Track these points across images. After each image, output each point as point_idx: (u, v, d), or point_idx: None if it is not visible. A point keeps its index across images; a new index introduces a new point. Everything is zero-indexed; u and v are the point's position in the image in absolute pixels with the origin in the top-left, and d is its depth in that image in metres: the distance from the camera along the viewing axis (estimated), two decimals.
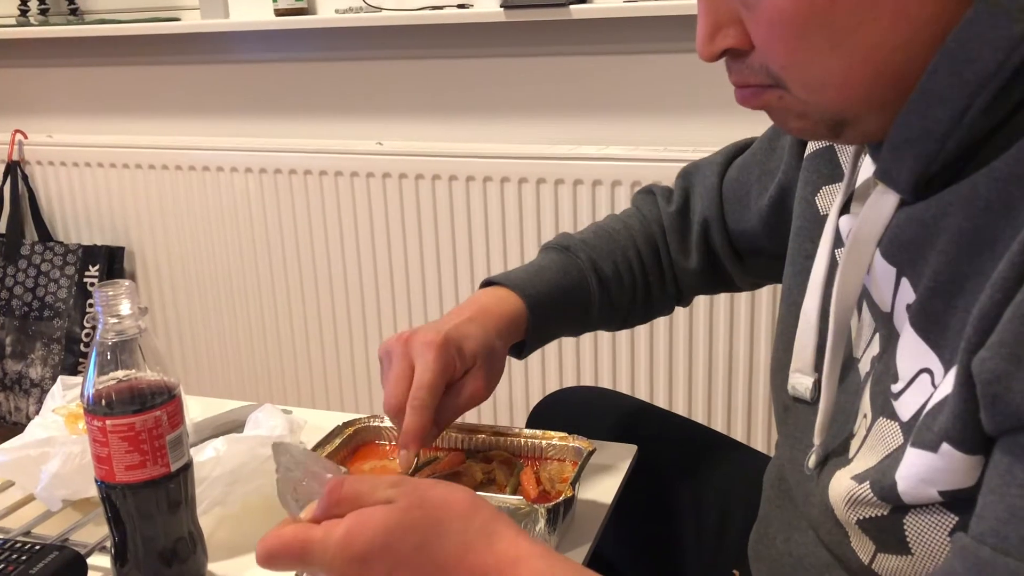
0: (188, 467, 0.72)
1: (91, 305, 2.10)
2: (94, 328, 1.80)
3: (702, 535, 0.93)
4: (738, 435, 1.74)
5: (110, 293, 0.67)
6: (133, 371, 0.68)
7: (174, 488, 0.70)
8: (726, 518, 0.91)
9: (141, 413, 0.67)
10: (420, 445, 0.75)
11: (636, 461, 0.90)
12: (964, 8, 0.48)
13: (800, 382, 0.69)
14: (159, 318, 2.19)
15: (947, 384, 0.50)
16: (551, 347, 1.82)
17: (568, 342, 1.80)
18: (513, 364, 1.86)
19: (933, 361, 0.52)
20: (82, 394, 0.68)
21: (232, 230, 2.05)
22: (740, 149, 0.91)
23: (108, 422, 0.67)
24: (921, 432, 0.52)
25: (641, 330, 1.74)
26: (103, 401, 0.67)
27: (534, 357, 1.84)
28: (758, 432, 1.74)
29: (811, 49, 0.51)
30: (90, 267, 2.14)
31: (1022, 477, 0.44)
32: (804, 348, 0.68)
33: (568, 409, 1.05)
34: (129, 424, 0.67)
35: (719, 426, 1.74)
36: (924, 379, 0.53)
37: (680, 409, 1.76)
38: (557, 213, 1.75)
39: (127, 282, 0.68)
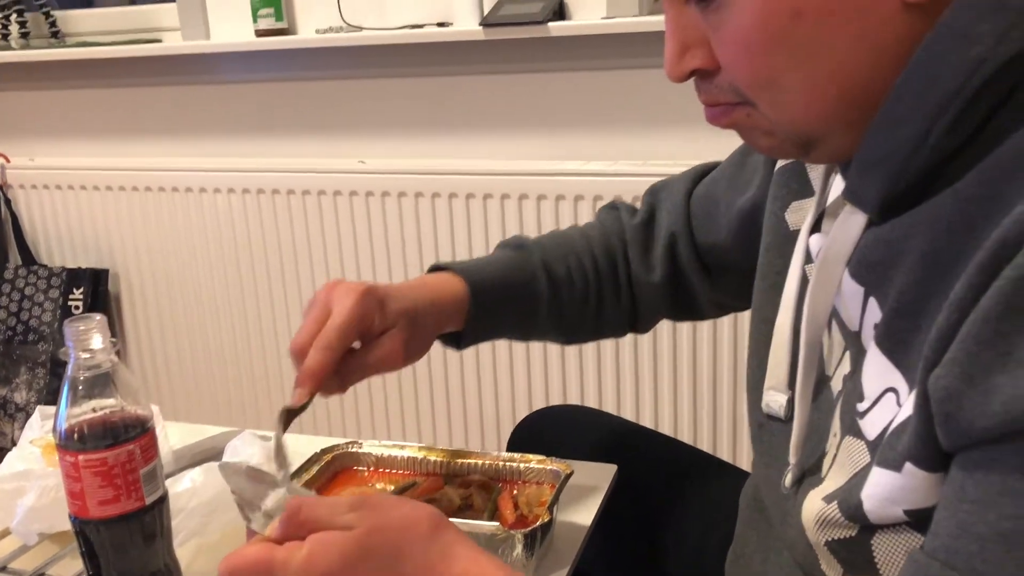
0: (163, 499, 0.71)
1: None
2: None
3: (683, 554, 0.93)
4: (723, 453, 1.74)
5: (81, 327, 0.67)
6: (106, 404, 0.68)
7: (149, 521, 0.70)
8: (707, 537, 0.91)
9: (114, 447, 0.67)
10: (315, 386, 0.71)
11: (617, 480, 0.90)
12: (926, 30, 0.49)
13: (774, 399, 0.69)
14: (144, 340, 2.18)
15: (911, 403, 0.50)
16: (532, 365, 1.82)
17: (550, 360, 1.80)
18: (496, 383, 1.86)
19: (898, 380, 0.53)
20: (54, 429, 0.68)
21: (216, 250, 2.05)
22: (708, 168, 0.91)
23: (81, 457, 0.66)
24: (885, 451, 0.52)
25: (625, 347, 1.74)
26: (75, 436, 0.67)
27: (516, 375, 1.84)
28: (743, 450, 1.74)
29: (775, 68, 0.52)
30: (74, 290, 2.14)
31: (973, 494, 0.45)
32: (778, 365, 0.69)
33: (549, 429, 1.05)
34: (102, 459, 0.67)
35: (705, 444, 1.74)
36: (889, 398, 0.54)
37: (665, 426, 1.76)
38: (540, 228, 1.75)
39: (98, 316, 0.68)
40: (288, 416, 0.71)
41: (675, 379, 1.74)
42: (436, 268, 0.86)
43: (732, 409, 1.72)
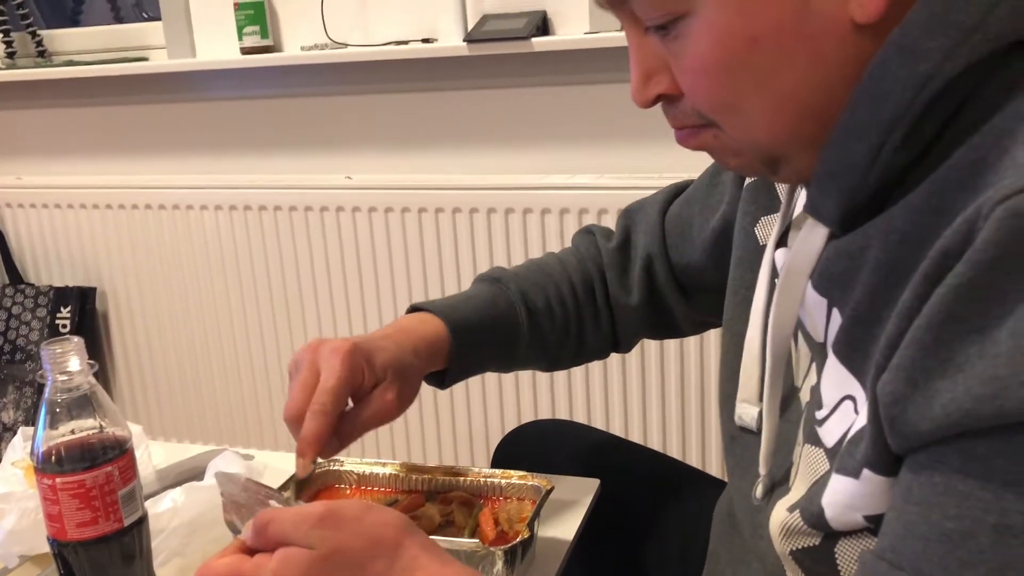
0: (143, 520, 0.71)
1: None
2: None
3: (666, 566, 0.93)
4: (712, 466, 1.74)
5: (58, 350, 0.67)
6: (84, 426, 0.68)
7: (128, 542, 0.70)
8: (689, 548, 0.91)
9: (92, 470, 0.67)
10: (317, 452, 0.72)
11: (601, 494, 0.90)
12: (877, 48, 0.50)
13: (746, 412, 0.70)
14: (132, 358, 2.18)
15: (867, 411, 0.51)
16: (514, 380, 1.82)
17: (535, 376, 1.80)
18: (485, 398, 1.86)
19: (856, 388, 0.54)
20: (32, 452, 0.68)
21: (203, 267, 2.05)
22: (681, 188, 0.92)
23: (58, 480, 0.66)
24: (844, 459, 0.53)
25: (612, 362, 1.74)
26: (53, 458, 0.67)
27: (498, 391, 1.84)
28: (713, 461, 1.74)
29: (735, 93, 0.53)
30: (62, 308, 2.13)
31: (918, 495, 0.46)
32: (749, 378, 0.69)
33: (533, 444, 1.05)
34: (79, 481, 0.67)
35: (693, 457, 1.75)
36: (847, 406, 0.55)
37: (653, 440, 1.76)
38: (526, 243, 1.76)
39: (75, 338, 0.68)
40: (299, 487, 0.73)
41: (663, 391, 1.74)
42: (414, 309, 0.87)
43: (700, 420, 1.73)
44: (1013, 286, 0.42)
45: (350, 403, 0.77)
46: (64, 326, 2.12)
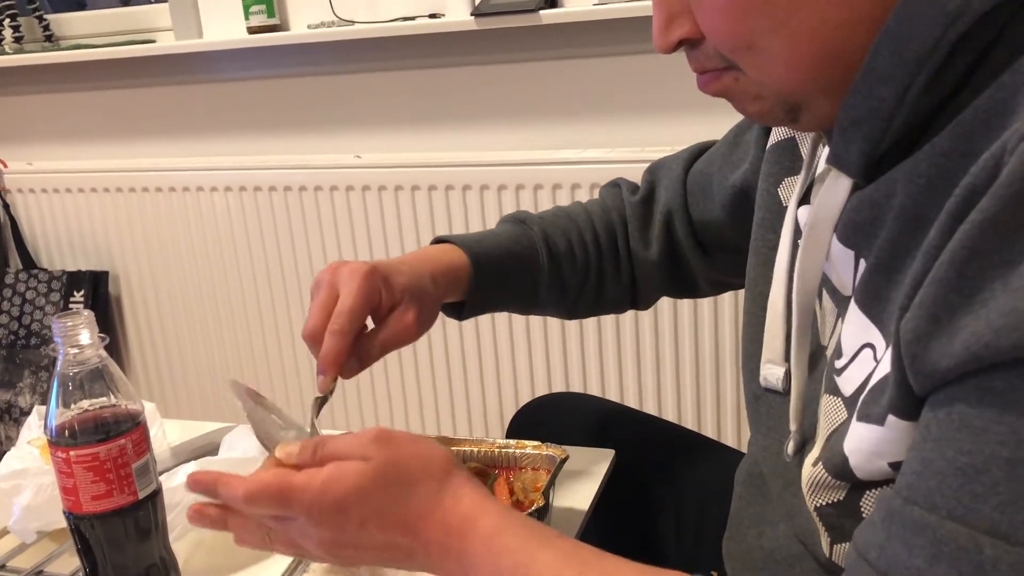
0: (157, 494, 0.72)
1: None
2: None
3: (682, 536, 0.92)
4: (728, 437, 1.73)
5: (69, 323, 0.67)
6: (97, 400, 0.68)
7: (143, 515, 0.70)
8: (705, 518, 0.91)
9: (105, 442, 0.67)
10: (337, 371, 0.73)
11: (616, 464, 0.90)
12: None
13: (772, 372, 0.69)
14: (146, 339, 2.19)
15: (889, 358, 0.50)
16: (527, 353, 1.82)
17: (551, 346, 1.80)
18: (498, 370, 1.86)
19: (875, 336, 0.53)
20: (45, 426, 0.68)
21: (215, 249, 2.05)
22: (706, 147, 0.92)
23: (72, 453, 0.67)
24: (868, 406, 0.52)
25: (626, 333, 1.73)
26: (66, 432, 0.67)
27: (511, 364, 1.84)
28: (728, 427, 1.73)
29: (754, 32, 0.52)
30: (75, 292, 2.14)
31: (936, 432, 0.45)
32: (774, 339, 0.69)
33: (548, 416, 1.05)
34: (93, 454, 0.67)
35: (708, 427, 1.74)
36: (866, 354, 0.54)
37: (668, 411, 1.75)
38: None
39: (86, 311, 0.68)
40: (319, 404, 0.74)
41: (677, 362, 1.73)
42: (439, 240, 0.88)
43: (716, 391, 1.72)
44: None
45: (371, 324, 0.77)
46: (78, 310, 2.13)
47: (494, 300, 0.89)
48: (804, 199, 0.66)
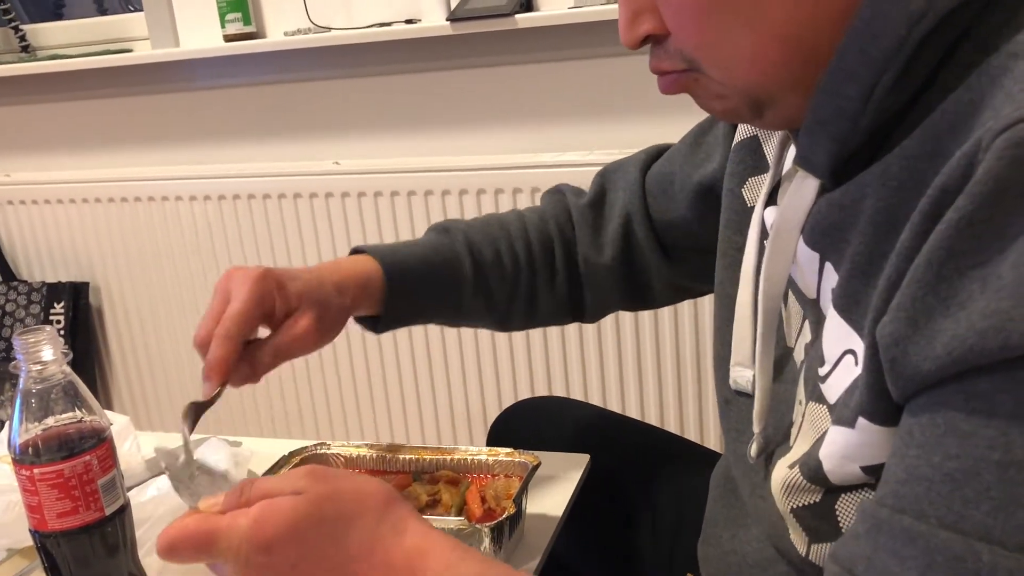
0: (125, 509, 0.71)
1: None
2: None
3: (658, 539, 0.92)
4: (710, 439, 1.74)
5: (31, 340, 0.66)
6: (62, 417, 0.67)
7: (110, 532, 0.69)
8: (682, 521, 0.91)
9: (70, 459, 0.66)
10: (223, 377, 0.71)
11: (593, 469, 0.90)
12: None
13: (741, 375, 0.69)
14: (128, 351, 2.17)
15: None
16: (509, 358, 1.82)
17: (527, 351, 1.80)
18: (474, 377, 1.86)
19: (856, 342, 0.53)
20: (8, 444, 0.67)
21: (195, 258, 2.04)
22: (662, 149, 0.90)
23: (36, 471, 0.66)
24: (840, 409, 0.52)
25: (607, 337, 1.74)
26: (30, 450, 0.66)
27: (494, 369, 1.83)
28: (711, 430, 1.73)
29: (720, 29, 0.52)
30: (55, 304, 2.13)
31: (919, 437, 0.44)
32: (742, 341, 0.69)
33: (527, 422, 1.05)
34: (58, 471, 0.66)
35: (690, 429, 1.74)
36: (848, 360, 0.53)
37: (651, 414, 1.75)
38: None
39: (48, 327, 0.67)
40: (196, 410, 0.71)
41: (658, 365, 1.73)
42: (356, 251, 0.85)
43: (697, 393, 1.72)
44: (1016, 218, 0.41)
45: (268, 332, 0.75)
46: (58, 322, 2.12)
47: (412, 311, 0.85)
48: (771, 199, 0.66)
